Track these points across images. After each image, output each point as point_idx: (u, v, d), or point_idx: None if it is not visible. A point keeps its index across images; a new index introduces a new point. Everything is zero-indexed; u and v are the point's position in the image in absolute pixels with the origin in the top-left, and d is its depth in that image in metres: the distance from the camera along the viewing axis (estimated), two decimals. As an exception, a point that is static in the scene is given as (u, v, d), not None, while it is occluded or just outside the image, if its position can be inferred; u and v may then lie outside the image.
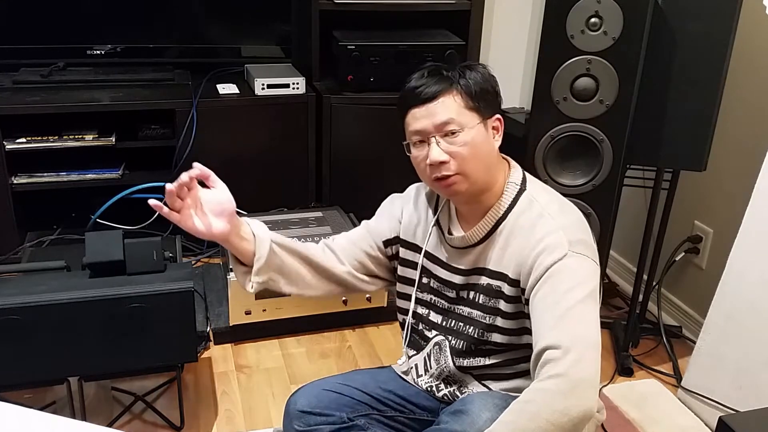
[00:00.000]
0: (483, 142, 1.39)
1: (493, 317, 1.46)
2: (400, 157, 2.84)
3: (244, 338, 2.35)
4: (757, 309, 1.88)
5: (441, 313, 1.56)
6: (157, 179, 2.69)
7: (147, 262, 1.82)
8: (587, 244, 1.37)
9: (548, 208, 1.40)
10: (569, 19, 1.95)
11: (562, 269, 1.32)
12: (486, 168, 1.41)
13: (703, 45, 1.94)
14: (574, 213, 1.43)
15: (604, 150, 2.03)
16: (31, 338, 1.67)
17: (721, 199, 2.30)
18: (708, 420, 2.01)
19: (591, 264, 1.35)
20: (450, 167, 1.37)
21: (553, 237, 1.35)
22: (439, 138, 1.37)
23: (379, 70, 2.77)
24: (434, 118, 1.37)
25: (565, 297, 1.30)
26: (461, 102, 1.37)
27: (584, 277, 1.33)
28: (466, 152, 1.37)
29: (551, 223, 1.37)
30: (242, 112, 2.73)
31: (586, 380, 1.24)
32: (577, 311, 1.29)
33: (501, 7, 3.10)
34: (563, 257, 1.32)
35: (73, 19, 2.76)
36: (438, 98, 1.37)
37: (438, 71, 1.40)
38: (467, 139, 1.36)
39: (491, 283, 1.45)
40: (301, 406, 1.56)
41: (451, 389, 1.57)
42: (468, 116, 1.37)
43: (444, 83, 1.38)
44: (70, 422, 1.19)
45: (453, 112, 1.36)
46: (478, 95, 1.38)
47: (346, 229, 2.41)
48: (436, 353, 1.57)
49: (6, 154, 2.52)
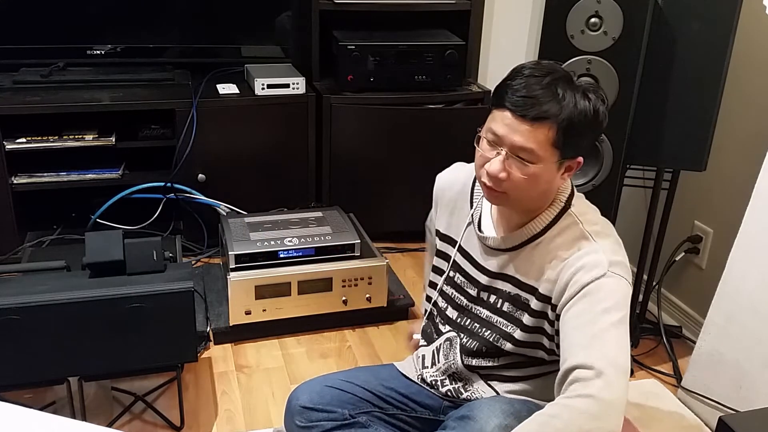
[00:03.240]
0: (547, 180, 1.33)
1: (513, 327, 1.45)
2: (400, 157, 2.86)
3: (244, 338, 2.35)
4: (757, 309, 1.88)
5: (458, 310, 1.56)
6: (157, 179, 2.70)
7: (147, 262, 1.82)
8: (624, 266, 1.35)
9: (591, 228, 1.38)
10: (569, 19, 1.95)
11: (600, 288, 1.30)
12: (537, 197, 1.37)
13: (703, 45, 1.94)
14: (613, 235, 1.40)
15: (604, 150, 2.03)
16: (31, 338, 1.67)
17: (721, 199, 2.30)
18: (708, 420, 2.02)
19: (627, 287, 1.33)
20: (501, 185, 1.33)
21: (593, 256, 1.32)
22: (510, 154, 1.30)
23: (379, 70, 2.77)
24: (519, 138, 1.27)
25: (600, 317, 1.28)
26: (551, 137, 1.27)
27: (620, 299, 1.31)
28: (525, 183, 1.31)
29: (592, 243, 1.35)
30: (242, 112, 2.73)
31: (615, 406, 1.22)
32: (612, 334, 1.27)
33: (501, 7, 3.10)
34: (602, 276, 1.30)
35: (73, 19, 2.76)
36: (535, 122, 1.26)
37: (554, 89, 1.27)
38: (533, 172, 1.30)
39: (519, 294, 1.43)
40: (303, 401, 1.56)
41: (455, 386, 1.57)
42: (549, 152, 1.29)
43: (553, 109, 1.26)
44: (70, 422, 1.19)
45: (538, 143, 1.27)
46: (573, 135, 1.28)
47: (346, 229, 2.43)
48: (446, 348, 1.57)
49: (6, 154, 2.52)
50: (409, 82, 2.80)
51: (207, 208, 2.76)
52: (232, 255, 2.26)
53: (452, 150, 1.74)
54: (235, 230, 2.38)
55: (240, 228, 2.40)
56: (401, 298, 2.51)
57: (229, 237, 2.33)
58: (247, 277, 2.25)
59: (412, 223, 2.28)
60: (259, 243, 2.31)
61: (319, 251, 2.35)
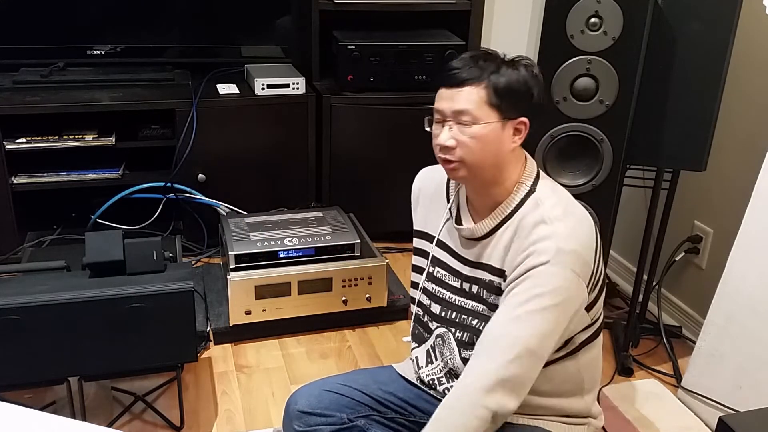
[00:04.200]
0: (494, 140, 1.40)
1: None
2: (400, 157, 2.85)
3: (244, 338, 2.35)
4: (757, 309, 1.88)
5: (440, 303, 1.57)
6: (157, 179, 2.70)
7: (147, 262, 1.82)
8: (577, 256, 1.36)
9: (550, 213, 1.40)
10: (569, 19, 1.95)
11: (540, 274, 1.35)
12: (492, 164, 1.42)
13: (703, 45, 1.94)
14: (576, 221, 1.41)
15: (604, 150, 2.03)
16: (31, 338, 1.67)
17: (721, 199, 2.30)
18: (708, 420, 2.01)
19: (569, 276, 1.36)
20: (454, 153, 1.41)
21: (544, 243, 1.36)
22: (453, 124, 1.40)
23: (379, 70, 2.77)
24: (454, 103, 1.39)
25: (531, 301, 1.35)
26: (484, 96, 1.38)
27: (556, 287, 1.35)
28: (472, 145, 1.39)
29: (547, 229, 1.38)
30: (242, 112, 2.73)
31: (509, 383, 1.34)
32: (535, 319, 1.34)
33: (501, 7, 3.10)
34: (546, 263, 1.35)
35: (73, 19, 2.76)
36: (463, 86, 1.39)
37: (477, 59, 1.41)
38: (477, 133, 1.38)
39: (492, 280, 1.46)
40: (301, 406, 1.56)
41: (452, 384, 1.57)
42: (486, 112, 1.39)
43: (474, 72, 1.39)
44: (70, 422, 1.19)
45: (472, 104, 1.38)
46: (504, 94, 1.39)
47: (346, 229, 2.43)
48: (440, 345, 1.58)
49: (6, 154, 2.52)
50: (409, 82, 2.80)
51: (207, 208, 2.76)
52: (232, 255, 2.26)
53: (452, 150, 1.76)
54: (235, 230, 2.38)
55: (240, 228, 2.40)
56: (401, 298, 2.51)
57: (229, 237, 2.33)
58: (247, 277, 2.25)
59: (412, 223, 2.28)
60: (259, 243, 2.31)
61: (319, 251, 2.35)
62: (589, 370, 1.53)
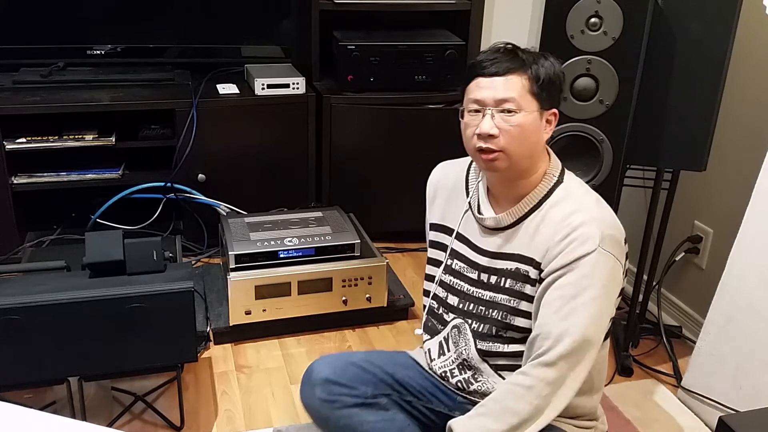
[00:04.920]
0: (534, 130, 1.42)
1: (517, 301, 1.48)
2: (400, 157, 2.85)
3: (244, 338, 2.35)
4: (757, 309, 1.88)
5: (458, 295, 1.57)
6: (157, 179, 2.70)
7: (147, 262, 1.82)
8: (617, 242, 1.41)
9: (584, 201, 1.44)
10: (569, 19, 1.95)
11: (588, 263, 1.37)
12: (530, 154, 1.44)
13: (703, 45, 1.94)
14: (608, 209, 1.46)
15: (604, 150, 2.03)
16: (31, 338, 1.67)
17: (721, 199, 2.30)
18: (708, 420, 2.01)
19: (614, 264, 1.39)
20: (497, 142, 1.41)
21: (586, 228, 1.38)
22: (495, 112, 1.41)
23: (379, 70, 2.77)
24: (497, 92, 1.40)
25: (582, 292, 1.36)
26: (527, 85, 1.40)
27: (605, 275, 1.38)
28: (516, 133, 1.40)
29: (586, 214, 1.41)
30: (242, 112, 2.73)
31: (570, 375, 1.35)
32: (589, 309, 1.36)
33: (501, 7, 3.10)
34: (593, 252, 1.37)
35: (73, 19, 2.76)
36: (507, 75, 1.40)
37: (514, 51, 1.43)
38: (521, 121, 1.40)
39: (519, 268, 1.47)
40: (327, 374, 1.56)
41: (465, 376, 1.57)
42: (529, 100, 1.41)
43: (517, 63, 1.41)
44: (70, 422, 1.19)
45: (516, 92, 1.40)
46: (545, 84, 1.41)
47: (346, 229, 2.43)
48: (454, 336, 1.58)
49: (6, 154, 2.52)
50: (409, 82, 2.80)
51: (207, 208, 2.76)
52: (232, 255, 2.26)
53: (452, 150, 1.74)
54: (235, 230, 2.38)
55: (240, 228, 2.40)
56: (401, 298, 2.51)
57: (229, 237, 2.33)
58: (247, 277, 2.25)
59: (412, 223, 2.28)
60: (259, 243, 2.31)
61: (319, 251, 2.35)
62: (596, 370, 1.54)
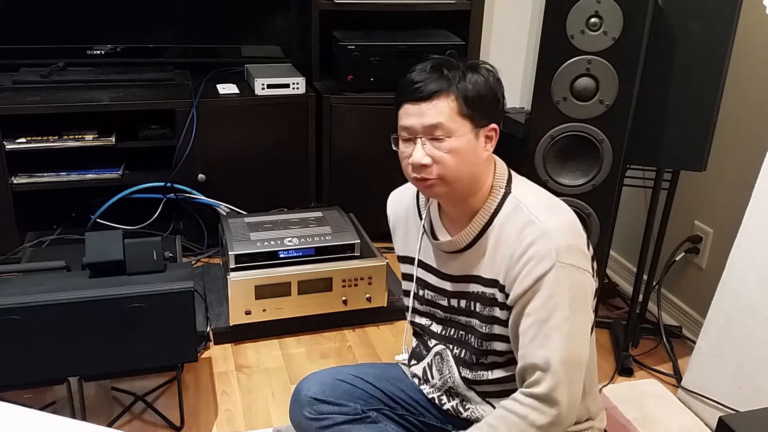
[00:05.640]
0: (470, 152, 1.34)
1: (490, 326, 1.43)
2: (400, 157, 2.85)
3: (244, 338, 2.35)
4: (757, 309, 1.88)
5: (440, 323, 1.55)
6: (157, 179, 2.70)
7: (147, 262, 1.82)
8: (575, 249, 1.33)
9: (534, 211, 1.36)
10: (569, 19, 1.95)
11: (549, 282, 1.30)
12: (470, 175, 1.37)
13: (703, 45, 1.94)
14: (561, 214, 1.38)
15: (604, 150, 2.03)
16: (31, 338, 1.67)
17: (721, 199, 2.30)
18: (708, 420, 2.01)
19: (578, 274, 1.33)
20: (431, 171, 1.34)
21: (540, 244, 1.31)
22: (426, 140, 1.33)
23: (379, 70, 2.77)
24: (424, 119, 1.32)
25: (552, 315, 1.31)
26: (455, 107, 1.32)
27: (570, 291, 1.32)
28: (450, 159, 1.33)
29: (538, 228, 1.33)
30: (242, 112, 2.73)
31: (564, 402, 1.31)
32: (564, 330, 1.31)
33: (501, 7, 3.10)
34: (551, 269, 1.30)
35: (73, 19, 2.76)
36: (432, 100, 1.32)
37: (440, 68, 1.34)
38: (453, 146, 1.32)
39: (485, 291, 1.42)
40: (314, 393, 1.55)
41: (453, 403, 1.55)
42: (459, 123, 1.32)
43: (442, 83, 1.32)
44: (70, 422, 1.19)
45: (444, 116, 1.31)
46: (475, 102, 1.33)
47: (346, 229, 2.43)
48: (438, 363, 1.55)
49: (6, 154, 2.52)
50: (409, 82, 2.80)
51: (207, 208, 2.76)
52: (232, 255, 2.26)
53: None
54: (235, 230, 2.38)
55: (240, 228, 2.40)
56: (401, 298, 2.50)
57: (229, 237, 2.33)
58: (247, 277, 2.25)
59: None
60: (259, 243, 2.31)
61: (319, 251, 2.35)
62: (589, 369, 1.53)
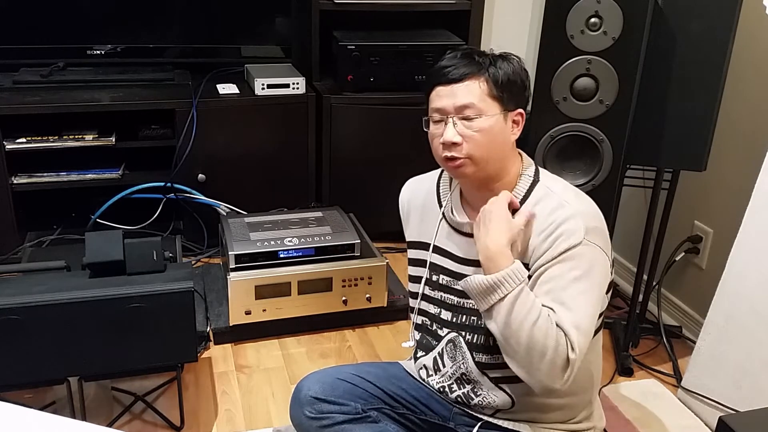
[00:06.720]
0: (499, 132, 1.41)
1: None
2: (400, 157, 2.85)
3: (244, 338, 2.35)
4: (757, 309, 1.88)
5: (451, 310, 1.56)
6: (157, 179, 2.70)
7: (147, 262, 1.82)
8: (601, 233, 1.41)
9: (565, 196, 1.43)
10: (569, 19, 1.95)
11: (574, 256, 1.37)
12: (498, 157, 1.43)
13: (703, 45, 1.94)
14: (589, 202, 1.46)
15: (604, 150, 2.03)
16: (31, 338, 1.67)
17: (721, 199, 2.30)
18: (708, 420, 2.01)
19: (600, 255, 1.40)
20: (461, 150, 1.40)
21: (571, 222, 1.38)
22: (457, 120, 1.40)
23: (379, 70, 2.77)
24: (456, 99, 1.40)
25: (571, 285, 1.36)
26: (486, 89, 1.40)
27: (592, 267, 1.38)
28: (480, 138, 1.40)
29: (569, 209, 1.40)
30: (242, 112, 2.73)
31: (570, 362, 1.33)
32: (579, 301, 1.36)
33: (501, 7, 3.10)
34: (578, 244, 1.36)
35: (73, 19, 2.76)
36: (464, 81, 1.40)
37: (471, 55, 1.43)
38: (483, 126, 1.39)
39: None
40: (315, 392, 1.55)
41: (464, 390, 1.55)
42: (489, 104, 1.40)
43: (473, 67, 1.40)
44: (70, 422, 1.19)
45: (475, 96, 1.39)
46: (504, 85, 1.41)
47: (346, 229, 2.43)
48: (450, 351, 1.56)
49: (6, 154, 2.52)
50: (409, 82, 2.80)
51: (207, 208, 2.76)
52: (232, 255, 2.26)
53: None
54: (235, 230, 2.38)
55: (240, 228, 2.40)
56: (401, 298, 2.51)
57: (229, 237, 2.33)
58: (247, 277, 2.25)
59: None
60: (259, 243, 2.31)
61: (319, 251, 2.35)
62: (595, 364, 1.53)
